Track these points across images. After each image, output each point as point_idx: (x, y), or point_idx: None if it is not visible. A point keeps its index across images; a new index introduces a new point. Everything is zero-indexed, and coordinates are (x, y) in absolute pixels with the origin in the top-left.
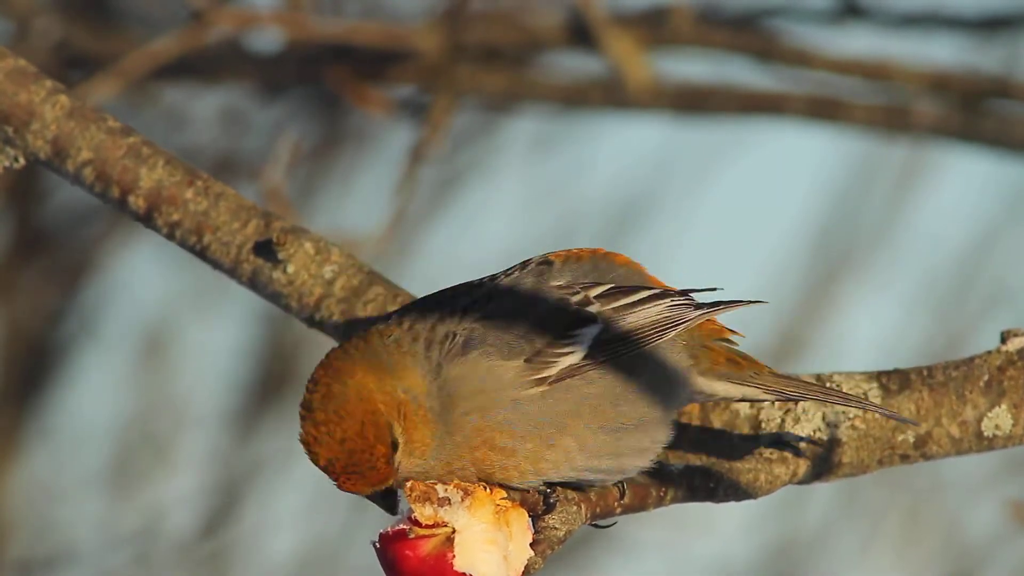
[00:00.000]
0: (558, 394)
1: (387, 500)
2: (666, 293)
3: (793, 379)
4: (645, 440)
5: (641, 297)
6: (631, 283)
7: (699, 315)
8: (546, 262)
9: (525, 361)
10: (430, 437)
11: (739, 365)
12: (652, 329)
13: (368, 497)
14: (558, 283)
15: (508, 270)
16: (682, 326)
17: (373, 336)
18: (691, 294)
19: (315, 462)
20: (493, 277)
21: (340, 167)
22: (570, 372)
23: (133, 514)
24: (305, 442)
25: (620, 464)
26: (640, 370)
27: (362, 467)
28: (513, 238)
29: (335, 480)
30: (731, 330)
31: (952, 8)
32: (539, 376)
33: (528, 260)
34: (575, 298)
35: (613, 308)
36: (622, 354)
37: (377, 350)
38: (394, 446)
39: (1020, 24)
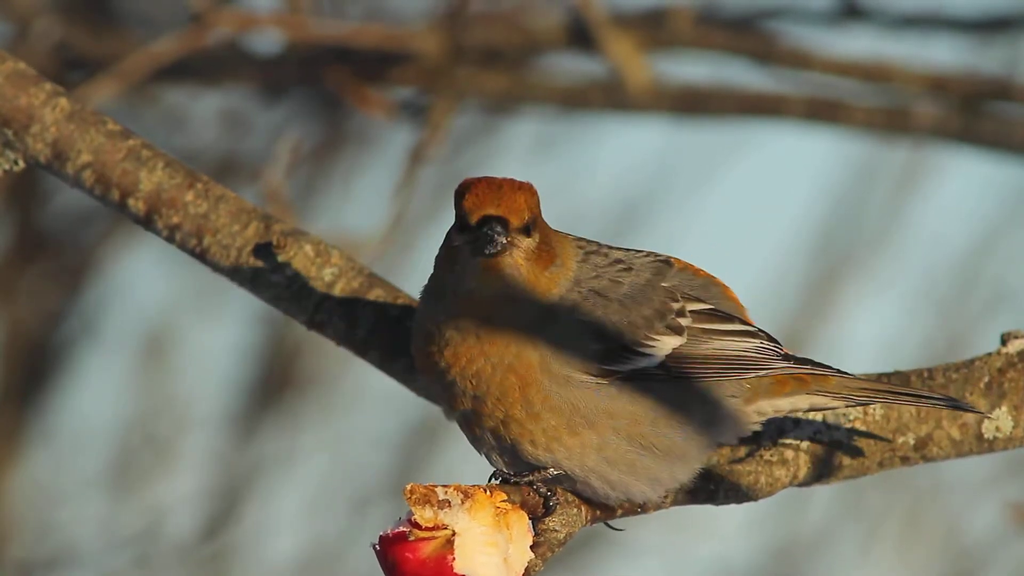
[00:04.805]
0: (610, 391)
1: (498, 230)
2: (757, 334)
3: (861, 381)
4: (664, 472)
5: (734, 328)
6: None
7: (783, 367)
8: (667, 262)
9: (604, 350)
10: (559, 267)
11: (804, 382)
12: (733, 363)
13: (480, 224)
14: (667, 284)
15: (638, 251)
16: (764, 373)
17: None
18: (778, 342)
19: (462, 197)
20: (626, 250)
21: (340, 169)
22: (638, 375)
23: (134, 515)
24: (463, 188)
25: (628, 484)
26: (696, 400)
27: (504, 189)
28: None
29: (471, 191)
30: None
31: (952, 9)
32: (605, 368)
33: (656, 254)
34: (675, 305)
35: (703, 328)
36: (694, 376)
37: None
38: (527, 228)
39: (1020, 25)
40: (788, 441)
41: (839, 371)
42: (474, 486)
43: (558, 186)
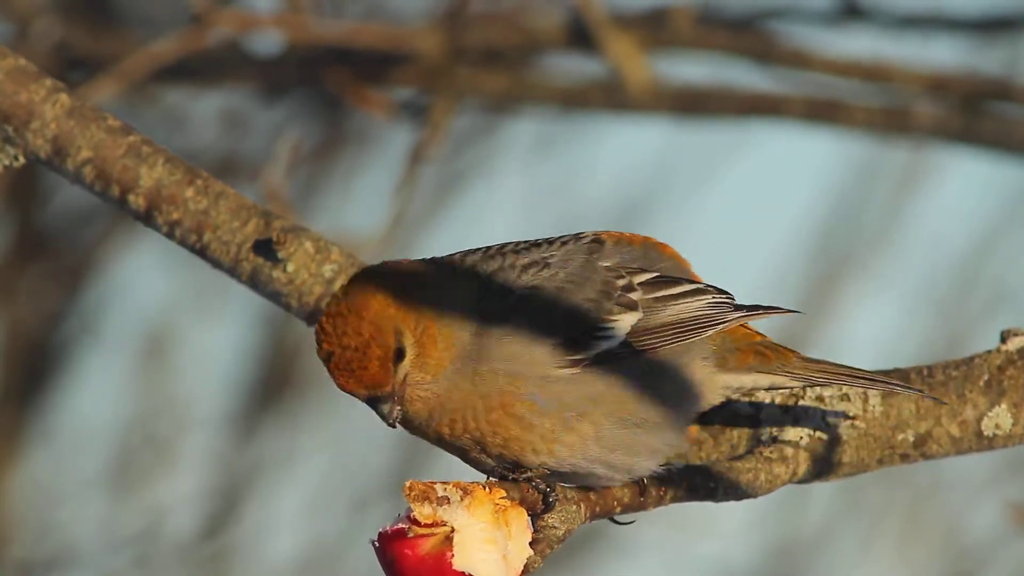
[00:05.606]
0: (587, 378)
1: (383, 407)
2: (707, 290)
3: (821, 364)
4: (659, 441)
5: (684, 290)
6: (676, 275)
7: (738, 317)
8: (598, 240)
9: (565, 340)
10: (448, 360)
11: (766, 357)
12: (690, 325)
13: (365, 401)
14: (606, 264)
15: (563, 239)
16: (720, 326)
17: (428, 261)
18: (730, 294)
19: (318, 354)
20: (550, 242)
21: (341, 169)
22: (604, 357)
23: (134, 515)
24: (316, 332)
25: (631, 463)
26: (668, 369)
27: (353, 365)
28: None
29: (331, 375)
30: (761, 334)
31: (952, 9)
32: (574, 358)
33: (581, 234)
34: (620, 282)
35: (655, 297)
36: (657, 346)
37: (426, 270)
38: (400, 353)
39: (1020, 26)
40: (787, 438)
41: (789, 310)
42: (473, 483)
43: (558, 186)
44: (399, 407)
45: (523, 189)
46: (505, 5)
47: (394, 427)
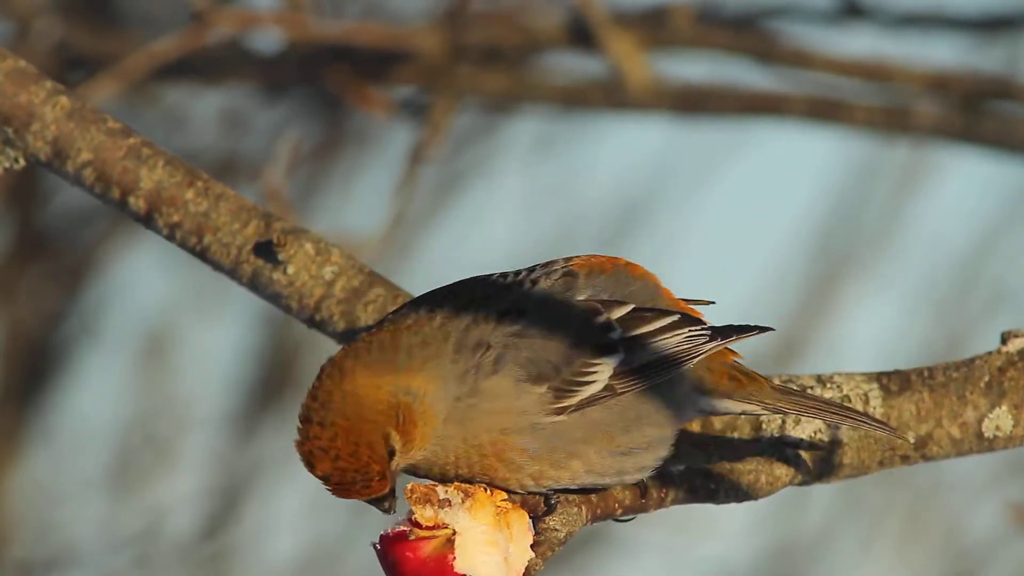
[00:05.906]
0: (574, 421)
1: (384, 503)
2: (682, 321)
3: (792, 394)
4: (649, 459)
5: (661, 326)
6: (648, 299)
7: (713, 346)
8: (571, 273)
9: (549, 387)
10: (431, 431)
11: (740, 383)
12: (670, 361)
13: (364, 501)
14: (582, 298)
15: (533, 272)
16: (696, 359)
17: (402, 333)
18: (703, 318)
19: (310, 471)
20: (520, 279)
21: (341, 168)
22: (589, 401)
23: (134, 515)
24: (300, 453)
25: (622, 478)
26: (652, 397)
27: (357, 483)
28: (514, 239)
29: (331, 491)
30: (732, 351)
31: (952, 8)
32: (560, 405)
33: (551, 264)
34: (599, 319)
35: (633, 336)
36: (637, 388)
37: (397, 347)
38: (391, 454)
39: (1020, 24)
40: (788, 440)
41: (760, 328)
42: (475, 485)
43: (558, 186)
44: (395, 498)
45: (523, 189)
46: (505, 5)
47: (391, 513)
